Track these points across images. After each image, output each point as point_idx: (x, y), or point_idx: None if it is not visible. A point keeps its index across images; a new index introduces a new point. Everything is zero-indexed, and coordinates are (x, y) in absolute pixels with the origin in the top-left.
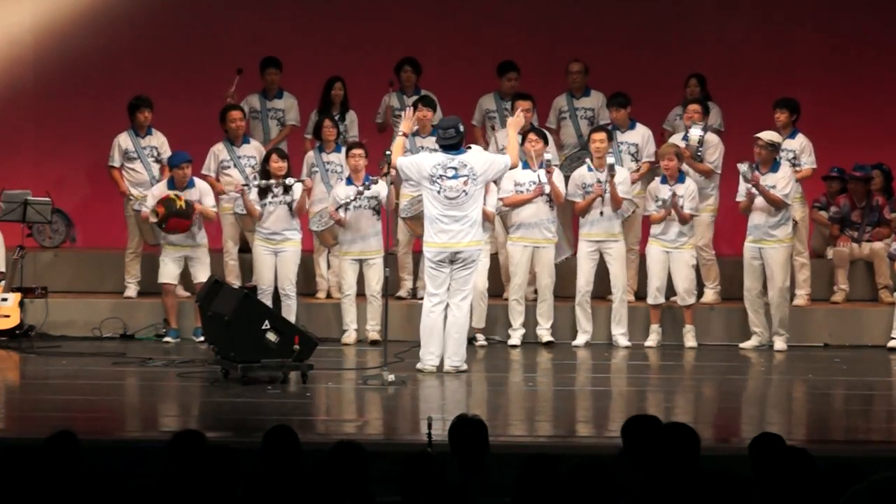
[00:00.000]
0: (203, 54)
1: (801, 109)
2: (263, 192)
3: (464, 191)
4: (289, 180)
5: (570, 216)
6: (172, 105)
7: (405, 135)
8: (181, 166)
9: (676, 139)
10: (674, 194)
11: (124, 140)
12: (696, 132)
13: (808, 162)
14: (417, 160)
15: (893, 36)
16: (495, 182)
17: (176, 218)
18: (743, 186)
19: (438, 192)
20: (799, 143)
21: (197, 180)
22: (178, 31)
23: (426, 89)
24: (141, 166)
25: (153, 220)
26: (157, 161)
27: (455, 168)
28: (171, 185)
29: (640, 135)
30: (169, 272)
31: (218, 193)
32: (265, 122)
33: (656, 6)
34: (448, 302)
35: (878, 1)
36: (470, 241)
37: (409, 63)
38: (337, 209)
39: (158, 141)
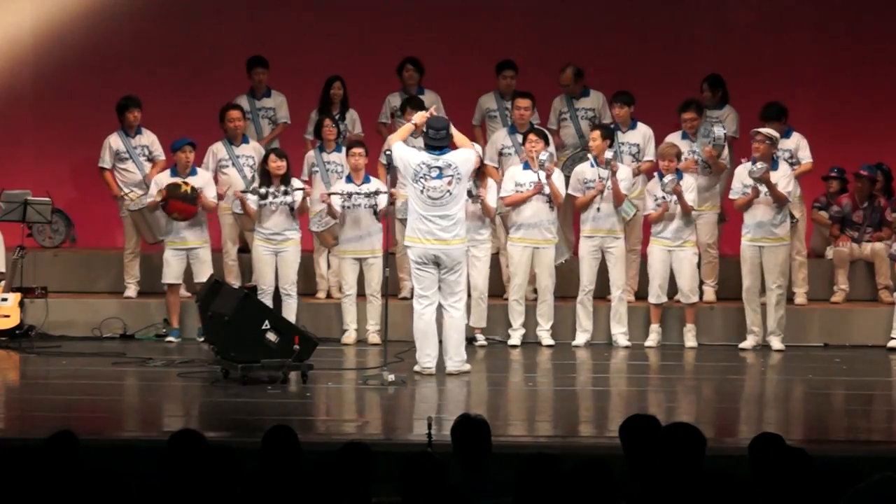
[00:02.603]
0: (202, 55)
1: (801, 109)
2: (262, 196)
3: (448, 191)
4: (294, 182)
5: (570, 216)
6: (172, 105)
7: (416, 126)
8: (184, 149)
9: (675, 138)
10: (676, 180)
11: (115, 141)
12: (720, 131)
13: (805, 157)
14: (408, 155)
15: (893, 35)
16: (495, 182)
17: (179, 201)
18: (738, 184)
19: (422, 191)
20: (794, 142)
21: (200, 170)
22: (178, 32)
23: (428, 89)
24: (133, 166)
25: (158, 199)
26: (149, 160)
27: (440, 168)
28: (174, 172)
29: (642, 134)
30: (173, 272)
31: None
32: (256, 121)
33: (656, 6)
34: (443, 305)
35: (878, 1)
36: (454, 240)
37: (411, 62)
38: (330, 194)
39: (149, 140)
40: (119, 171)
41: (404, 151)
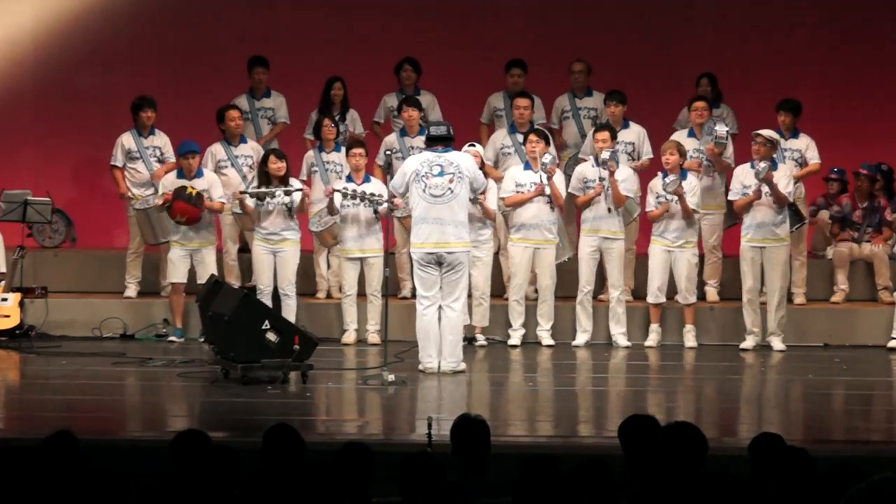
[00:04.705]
0: (202, 54)
1: (801, 109)
2: (261, 198)
3: (449, 188)
4: (294, 183)
5: (573, 215)
6: (170, 105)
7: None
8: (186, 157)
9: (681, 136)
10: (678, 181)
11: (127, 140)
12: (722, 128)
13: (813, 157)
14: (406, 165)
15: (893, 35)
16: (495, 181)
17: (182, 202)
18: (738, 185)
19: (423, 189)
20: (803, 142)
21: (206, 171)
22: (177, 32)
23: (426, 89)
24: (143, 166)
25: (158, 202)
26: (160, 161)
27: (441, 165)
28: (180, 174)
29: (636, 133)
30: (178, 271)
31: None
32: (256, 121)
33: (658, 6)
34: (441, 304)
35: (878, 1)
36: (457, 242)
37: (408, 63)
38: (335, 190)
39: (161, 141)
40: (129, 171)
41: (398, 174)
